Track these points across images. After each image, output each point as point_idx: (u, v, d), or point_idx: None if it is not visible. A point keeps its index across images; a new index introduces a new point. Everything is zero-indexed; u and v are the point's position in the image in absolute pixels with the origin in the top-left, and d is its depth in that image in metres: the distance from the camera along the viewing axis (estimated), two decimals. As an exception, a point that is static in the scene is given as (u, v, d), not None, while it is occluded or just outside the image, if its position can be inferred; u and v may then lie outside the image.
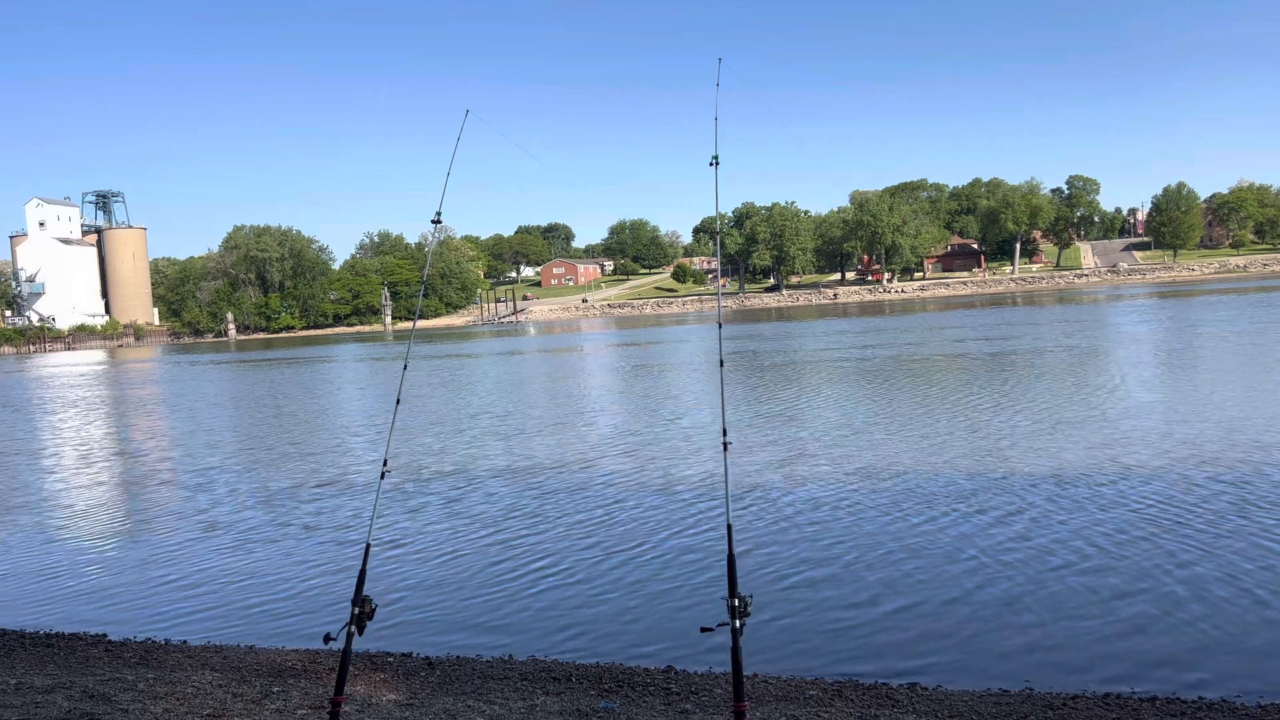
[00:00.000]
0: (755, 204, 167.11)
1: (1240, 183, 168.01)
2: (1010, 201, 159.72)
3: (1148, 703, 6.55)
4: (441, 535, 12.77)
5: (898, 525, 11.79)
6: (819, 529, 11.82)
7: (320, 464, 19.73)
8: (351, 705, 6.59)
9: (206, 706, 6.66)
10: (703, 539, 11.68)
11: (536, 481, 16.14)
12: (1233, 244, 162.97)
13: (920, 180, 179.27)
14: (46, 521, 15.44)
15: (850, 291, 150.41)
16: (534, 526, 12.92)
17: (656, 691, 7.05)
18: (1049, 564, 9.90)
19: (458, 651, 8.43)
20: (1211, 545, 10.17)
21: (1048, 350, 36.27)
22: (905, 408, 22.83)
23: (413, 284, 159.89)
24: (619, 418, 24.55)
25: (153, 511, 15.91)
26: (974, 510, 12.27)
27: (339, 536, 13.09)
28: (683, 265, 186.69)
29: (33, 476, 20.65)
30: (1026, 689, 6.99)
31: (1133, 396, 22.22)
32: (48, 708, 6.58)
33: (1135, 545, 10.34)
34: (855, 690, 7.05)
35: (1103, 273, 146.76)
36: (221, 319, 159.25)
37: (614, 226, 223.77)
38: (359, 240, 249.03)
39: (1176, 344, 35.27)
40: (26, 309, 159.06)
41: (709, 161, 5.43)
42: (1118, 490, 12.88)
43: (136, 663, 8.18)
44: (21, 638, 9.19)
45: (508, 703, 6.77)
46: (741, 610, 4.36)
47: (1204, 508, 11.70)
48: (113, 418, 33.98)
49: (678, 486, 14.95)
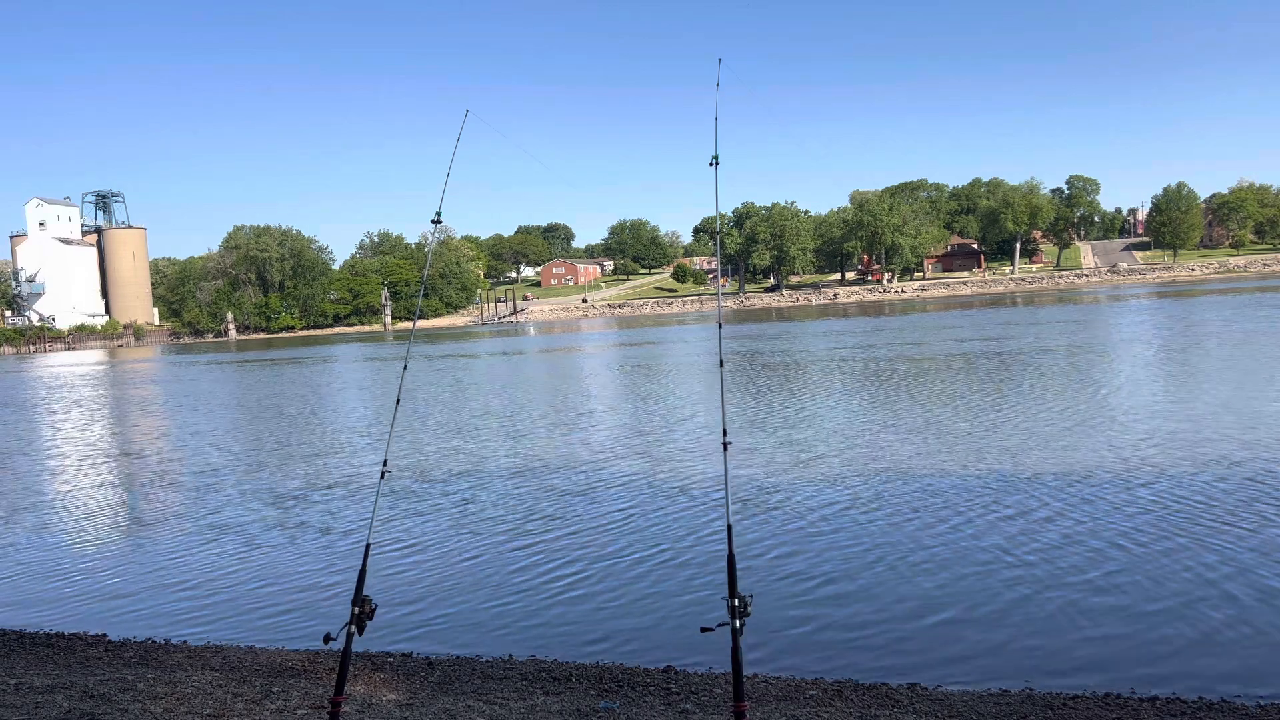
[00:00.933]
0: (755, 204, 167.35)
1: (1240, 183, 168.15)
2: (1010, 201, 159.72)
3: (1148, 703, 6.55)
4: (441, 535, 12.78)
5: (898, 525, 11.79)
6: (819, 529, 11.83)
7: (320, 464, 19.74)
8: (351, 705, 6.59)
9: (206, 706, 6.66)
10: (703, 539, 11.68)
11: (536, 482, 16.14)
12: (1233, 244, 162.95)
13: (920, 180, 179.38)
14: (46, 521, 15.44)
15: (850, 291, 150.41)
16: (534, 527, 12.92)
17: (656, 691, 7.05)
18: (1049, 564, 9.90)
19: (458, 651, 8.43)
20: (1212, 545, 10.17)
21: (1048, 350, 36.27)
22: (905, 408, 22.83)
23: (413, 284, 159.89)
24: (619, 418, 24.55)
25: (152, 512, 15.92)
26: (974, 510, 12.27)
27: (339, 537, 13.10)
28: (683, 265, 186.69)
29: (33, 476, 20.65)
30: (1026, 689, 7.00)
31: (1132, 397, 22.22)
32: (48, 708, 6.58)
33: (1135, 545, 10.34)
34: (855, 690, 7.05)
35: (1103, 273, 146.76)
36: (221, 319, 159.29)
37: (614, 226, 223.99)
38: (359, 240, 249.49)
39: (1177, 344, 35.26)
40: (26, 309, 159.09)
41: (709, 161, 5.43)
42: (1118, 491, 12.88)
43: (136, 663, 8.18)
44: (21, 638, 9.19)
45: (508, 703, 6.77)
46: (741, 610, 4.36)
47: (1205, 508, 11.70)
48: (113, 418, 33.98)
49: (678, 487, 14.95)
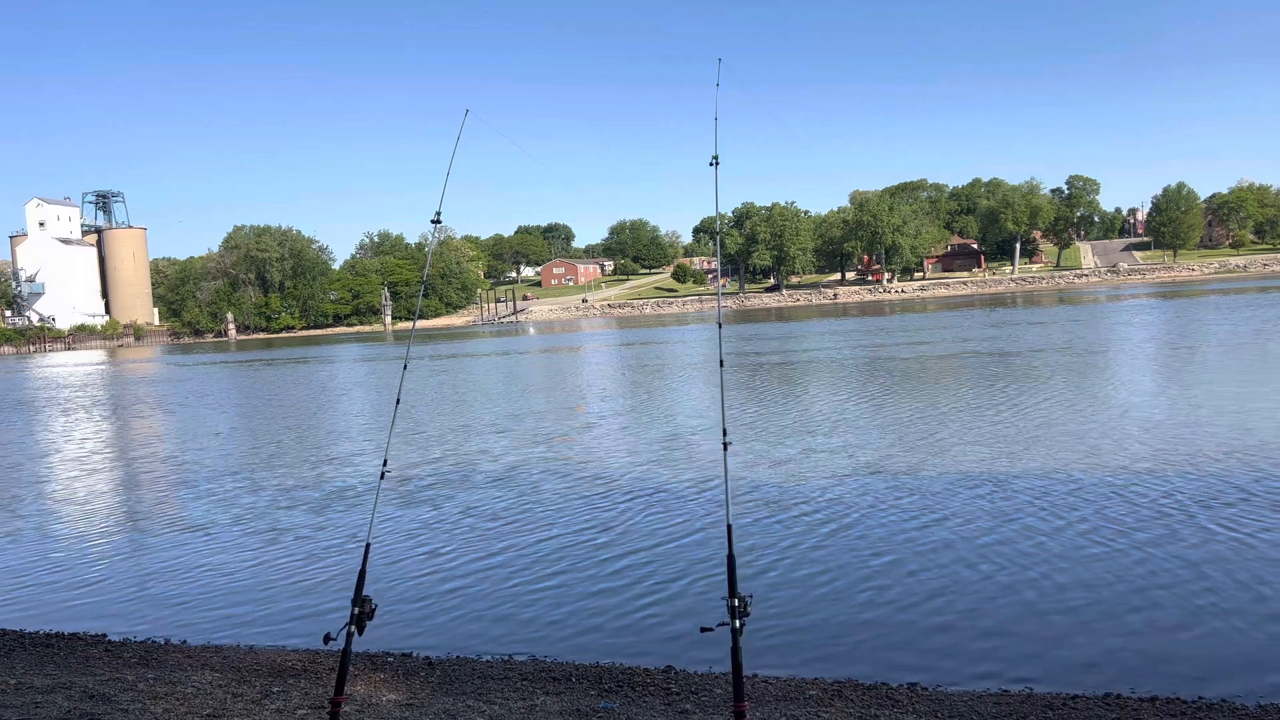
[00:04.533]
0: (755, 204, 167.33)
1: (1240, 183, 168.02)
2: (1010, 201, 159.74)
3: (1148, 703, 6.55)
4: (442, 535, 12.77)
5: (898, 525, 11.79)
6: (819, 529, 11.82)
7: (320, 464, 19.74)
8: (351, 705, 6.59)
9: (206, 706, 6.66)
10: (703, 539, 11.68)
11: (536, 481, 16.14)
12: (1233, 244, 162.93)
13: (920, 180, 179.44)
14: (47, 521, 15.43)
15: (850, 292, 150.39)
16: (534, 526, 12.92)
17: (656, 691, 7.05)
18: (1048, 564, 9.90)
19: (458, 651, 8.43)
20: (1213, 545, 10.17)
21: (1048, 350, 36.27)
22: (905, 408, 22.82)
23: (413, 284, 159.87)
24: (619, 418, 24.55)
25: (153, 511, 15.92)
26: (974, 511, 12.26)
27: (339, 536, 13.10)
28: (683, 265, 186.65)
29: (33, 476, 20.65)
30: (1026, 689, 6.99)
31: (1132, 397, 22.22)
32: (48, 708, 6.58)
33: (1136, 545, 10.34)
34: (855, 690, 7.05)
35: (1103, 273, 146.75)
36: (221, 319, 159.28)
37: (614, 226, 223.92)
38: (359, 240, 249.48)
39: (1178, 343, 35.27)
40: (26, 309, 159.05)
41: (709, 161, 5.43)
42: (1119, 491, 12.87)
43: (136, 663, 8.18)
44: (21, 638, 9.19)
45: (508, 703, 6.77)
46: (741, 610, 4.36)
47: (1205, 508, 11.69)
48: (113, 418, 33.97)
49: (678, 487, 14.95)
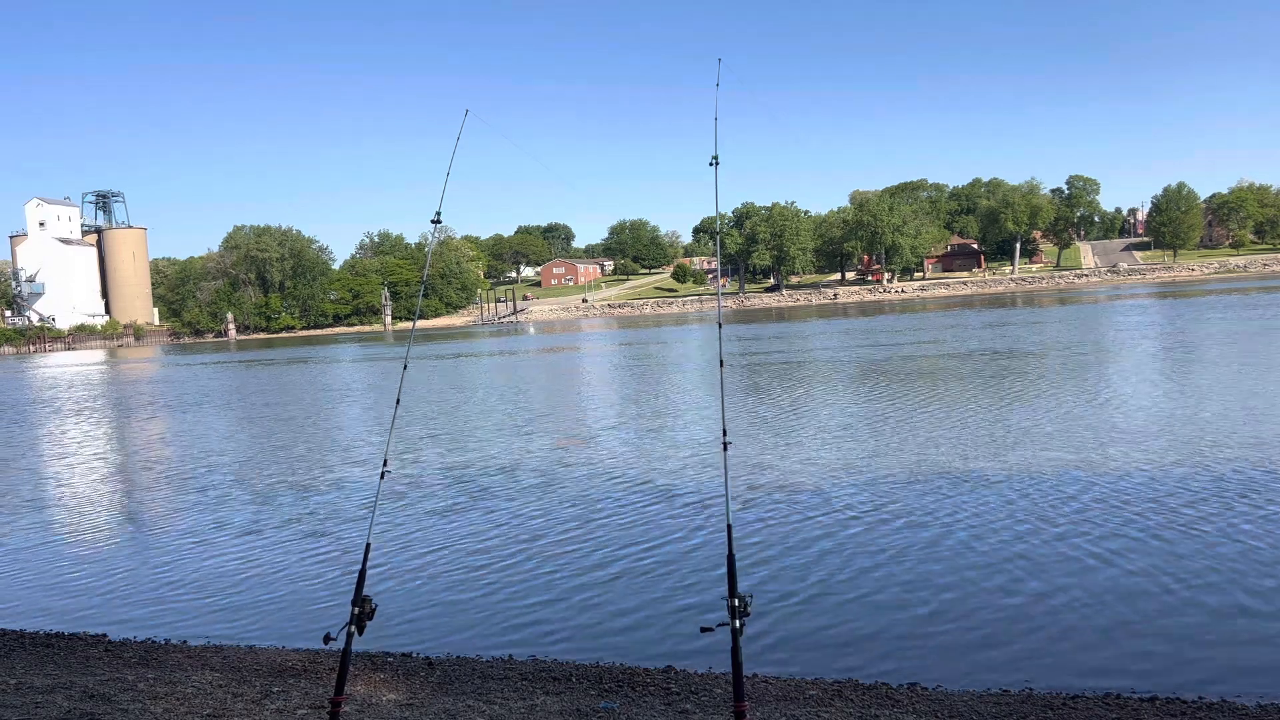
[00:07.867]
0: (755, 204, 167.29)
1: (1240, 183, 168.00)
2: (1010, 201, 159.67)
3: (1148, 703, 6.55)
4: (442, 535, 12.77)
5: (898, 525, 11.78)
6: (819, 529, 11.82)
7: (321, 464, 19.74)
8: (351, 705, 6.59)
9: (206, 706, 6.66)
10: (703, 539, 11.68)
11: (536, 481, 16.14)
12: (1233, 244, 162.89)
13: (920, 180, 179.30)
14: (47, 521, 15.44)
15: (850, 291, 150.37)
16: (534, 526, 12.92)
17: (656, 691, 7.05)
18: (1048, 564, 9.90)
19: (458, 651, 8.43)
20: (1213, 545, 10.17)
21: (1048, 350, 36.26)
22: (906, 408, 22.81)
23: (413, 284, 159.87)
24: (619, 418, 24.55)
25: (153, 511, 15.92)
26: (974, 511, 12.26)
27: (339, 536, 13.09)
28: (683, 265, 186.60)
29: (33, 476, 20.65)
30: (1026, 689, 6.99)
31: (1133, 397, 22.21)
32: (48, 708, 6.58)
33: (1136, 546, 10.34)
34: (855, 690, 7.05)
35: (1103, 273, 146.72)
36: (221, 319, 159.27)
37: (614, 226, 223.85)
38: (359, 240, 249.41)
39: (1179, 343, 35.26)
40: (26, 309, 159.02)
41: (709, 161, 5.43)
42: (1118, 491, 12.87)
43: (136, 663, 8.17)
44: (21, 638, 9.19)
45: (508, 703, 6.77)
46: (741, 610, 4.35)
47: (1205, 508, 11.69)
48: (113, 418, 33.96)
49: (678, 486, 14.95)
